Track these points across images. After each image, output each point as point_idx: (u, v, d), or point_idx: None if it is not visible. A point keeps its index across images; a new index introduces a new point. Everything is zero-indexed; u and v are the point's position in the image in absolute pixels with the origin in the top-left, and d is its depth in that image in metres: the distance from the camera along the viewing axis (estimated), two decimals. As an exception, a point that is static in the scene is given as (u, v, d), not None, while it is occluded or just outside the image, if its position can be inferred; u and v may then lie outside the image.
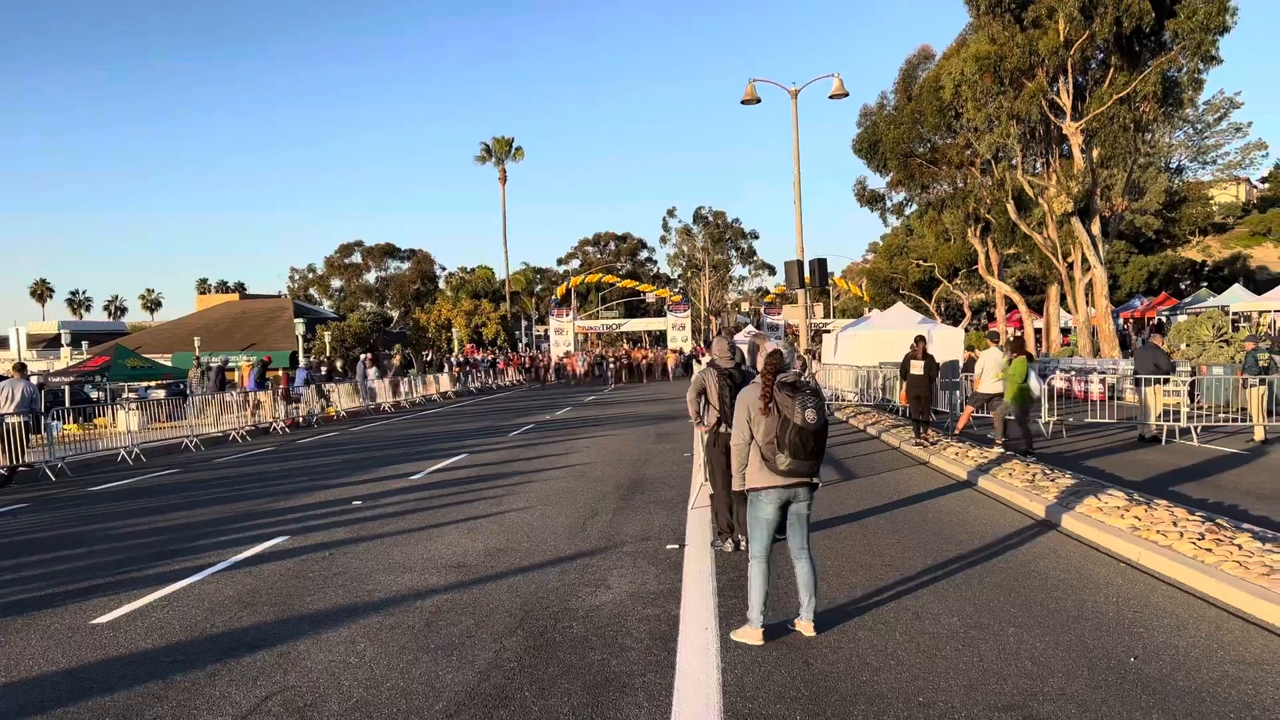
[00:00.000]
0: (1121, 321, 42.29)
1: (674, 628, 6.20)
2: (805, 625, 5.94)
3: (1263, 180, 76.31)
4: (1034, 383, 14.29)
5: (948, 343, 25.50)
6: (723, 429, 8.29)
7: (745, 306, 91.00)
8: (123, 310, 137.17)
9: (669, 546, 8.64)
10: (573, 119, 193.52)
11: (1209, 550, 7.08)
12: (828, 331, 38.26)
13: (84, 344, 47.99)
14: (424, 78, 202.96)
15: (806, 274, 22.51)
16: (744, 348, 9.15)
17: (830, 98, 25.83)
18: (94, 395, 30.40)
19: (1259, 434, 15.44)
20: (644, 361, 53.78)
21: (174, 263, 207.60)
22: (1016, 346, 15.22)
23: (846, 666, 5.37)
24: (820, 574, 6.38)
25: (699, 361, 37.63)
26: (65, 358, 41.75)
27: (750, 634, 5.82)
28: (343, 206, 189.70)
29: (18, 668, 5.88)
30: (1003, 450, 13.53)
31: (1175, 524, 7.98)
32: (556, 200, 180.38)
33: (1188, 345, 26.75)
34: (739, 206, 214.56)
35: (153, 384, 33.93)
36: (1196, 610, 6.26)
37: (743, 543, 8.37)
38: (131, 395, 29.83)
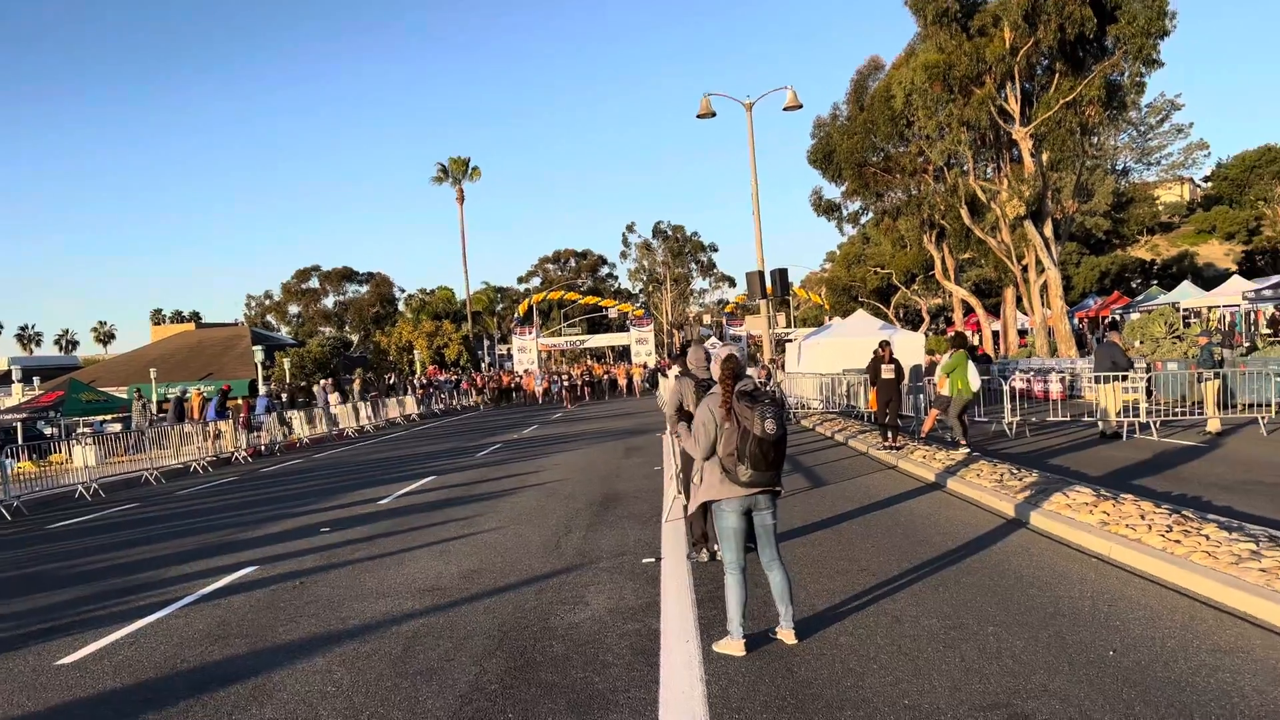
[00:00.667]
0: (1076, 321, 42.99)
1: (655, 642, 6.16)
2: (786, 633, 5.93)
3: (1205, 179, 78.12)
4: (972, 377, 14.38)
5: (908, 348, 25.76)
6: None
7: (707, 319, 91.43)
8: (74, 344, 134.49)
9: (645, 560, 8.60)
10: (530, 137, 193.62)
11: (1178, 542, 7.18)
12: (790, 340, 38.54)
13: (35, 379, 46.95)
14: (377, 100, 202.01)
15: (768, 284, 22.61)
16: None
17: (784, 110, 26.07)
18: (48, 431, 29.76)
19: (1214, 425, 15.75)
20: (606, 377, 52.78)
21: (127, 294, 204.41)
22: (957, 342, 15.38)
23: (830, 673, 5.36)
24: (797, 581, 6.38)
25: (665, 375, 37.63)
26: (17, 394, 40.82)
27: (732, 645, 5.79)
28: (299, 232, 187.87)
29: (-19, 713, 5.70)
30: (969, 451, 13.66)
31: (1143, 517, 8.09)
32: (515, 219, 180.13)
33: (1142, 342, 27.25)
34: (698, 220, 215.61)
35: (108, 418, 33.30)
36: (1170, 601, 6.34)
37: (718, 553, 8.34)
38: (86, 430, 29.26)
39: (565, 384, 48.53)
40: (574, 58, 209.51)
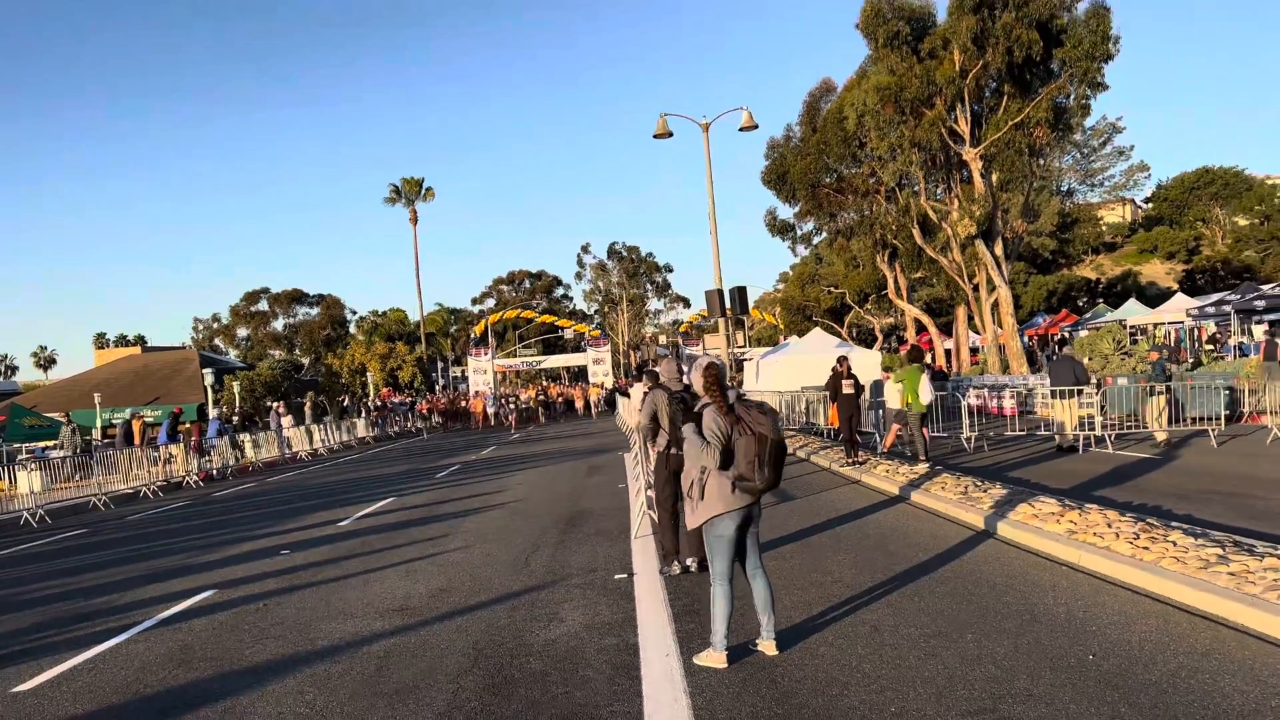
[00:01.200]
0: (1026, 339, 43.77)
1: (634, 656, 6.09)
2: (767, 644, 5.89)
3: (1146, 200, 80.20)
4: (923, 392, 14.48)
5: (864, 364, 25.98)
6: (673, 452, 8.24)
7: (663, 339, 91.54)
8: (14, 369, 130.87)
9: (617, 576, 8.52)
10: (483, 158, 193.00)
11: (1146, 548, 7.28)
12: (748, 360, 38.71)
13: (-26, 405, 45.58)
14: (329, 120, 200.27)
15: (728, 303, 22.72)
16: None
17: (740, 130, 26.26)
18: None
19: (1160, 437, 16.08)
20: (560, 399, 51.21)
21: (68, 317, 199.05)
22: (912, 356, 15.55)
23: (814, 683, 5.33)
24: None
25: (624, 394, 37.57)
26: (-45, 420, 39.50)
27: (714, 658, 5.73)
28: (247, 253, 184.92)
29: (-67, 744, 5.46)
30: (930, 465, 13.78)
31: (1110, 525, 8.20)
32: (469, 240, 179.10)
33: (1090, 358, 27.79)
34: (653, 241, 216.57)
35: (50, 444, 32.40)
36: (1142, 606, 6.41)
37: (692, 565, 8.31)
38: (28, 456, 28.42)
39: (513, 406, 46.12)
40: (529, 78, 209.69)
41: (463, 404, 49.18)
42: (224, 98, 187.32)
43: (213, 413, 35.64)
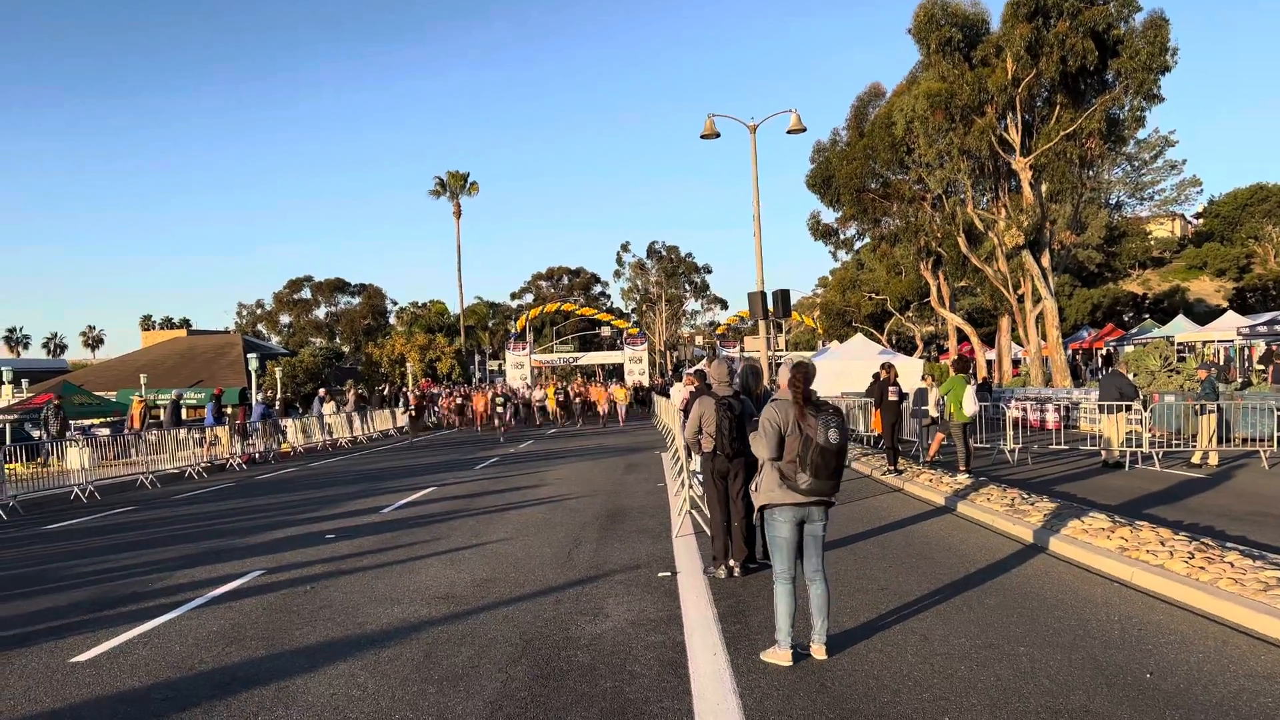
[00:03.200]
0: (1070, 352, 43.18)
1: (681, 654, 6.10)
2: (818, 648, 5.89)
3: (1197, 216, 78.81)
4: (968, 402, 14.30)
5: (906, 371, 25.78)
6: (718, 454, 8.24)
7: (699, 340, 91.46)
8: (63, 348, 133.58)
9: (661, 574, 8.53)
10: (527, 154, 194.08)
11: (1202, 568, 7.17)
12: (783, 363, 38.52)
13: (24, 382, 46.59)
14: (376, 112, 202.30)
15: (770, 305, 22.64)
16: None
17: (788, 132, 26.16)
18: (35, 434, 29.46)
19: (1214, 459, 15.79)
20: (579, 399, 42.69)
21: (116, 299, 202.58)
22: (959, 366, 15.40)
23: (865, 688, 5.31)
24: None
25: (662, 394, 37.53)
26: (7, 395, 40.47)
27: (779, 655, 5.76)
28: (291, 241, 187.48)
29: (-2, 709, 5.59)
30: (971, 477, 13.64)
31: (1163, 544, 8.08)
32: (509, 234, 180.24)
33: (1136, 375, 27.38)
34: (692, 241, 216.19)
35: (98, 421, 32.99)
36: (1199, 627, 6.32)
37: (736, 570, 8.30)
38: (77, 434, 28.97)
39: (512, 404, 37.63)
40: (575, 76, 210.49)
41: (459, 401, 41.78)
42: (277, 86, 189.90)
43: (257, 397, 36.12)
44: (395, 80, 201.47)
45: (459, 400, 41.72)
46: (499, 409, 35.63)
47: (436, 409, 42.89)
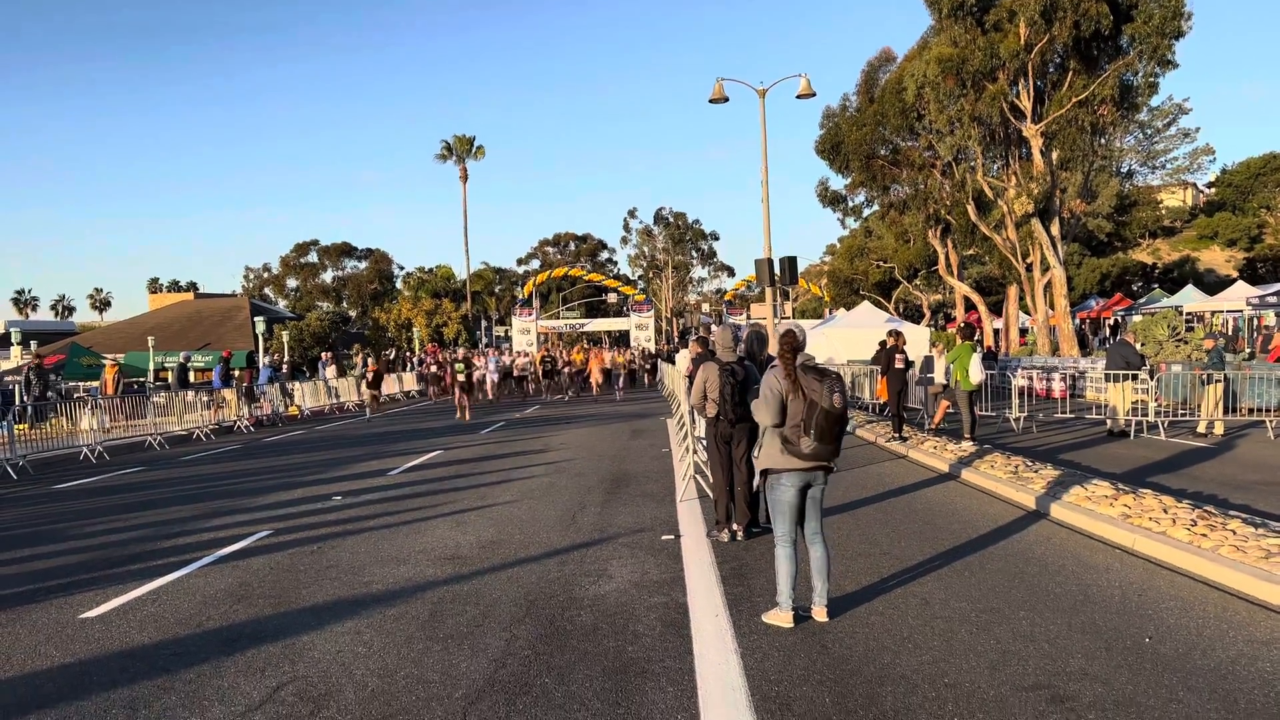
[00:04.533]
0: (1078, 321, 43.04)
1: (684, 615, 6.15)
2: (819, 610, 5.93)
3: (1209, 185, 78.14)
4: (974, 370, 14.34)
5: (913, 339, 25.76)
6: (721, 419, 8.26)
7: (706, 307, 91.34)
8: (70, 310, 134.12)
9: (665, 537, 8.59)
10: (534, 119, 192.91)
11: (1204, 535, 7.19)
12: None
13: (32, 343, 46.81)
14: (383, 76, 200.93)
15: (777, 272, 22.57)
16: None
17: (797, 97, 25.91)
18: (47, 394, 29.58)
19: (1219, 429, 15.78)
20: (566, 368, 35.83)
21: (124, 262, 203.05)
22: (965, 333, 15.37)
23: (865, 650, 5.36)
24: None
25: (668, 361, 37.44)
26: (15, 356, 40.66)
27: (780, 616, 5.82)
28: (298, 205, 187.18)
29: (10, 663, 5.66)
30: (976, 444, 13.66)
31: (1166, 511, 8.10)
32: (516, 200, 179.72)
33: (1144, 344, 27.29)
34: (699, 208, 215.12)
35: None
36: (1200, 593, 6.34)
37: (739, 534, 8.35)
38: (85, 395, 29.11)
39: (463, 372, 26.03)
40: (583, 41, 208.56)
41: (433, 368, 37.24)
42: (280, 49, 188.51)
43: (264, 360, 36.21)
44: (402, 42, 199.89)
45: (432, 367, 37.13)
46: (459, 377, 25.81)
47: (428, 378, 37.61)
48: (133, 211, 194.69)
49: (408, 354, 50.29)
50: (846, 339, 28.64)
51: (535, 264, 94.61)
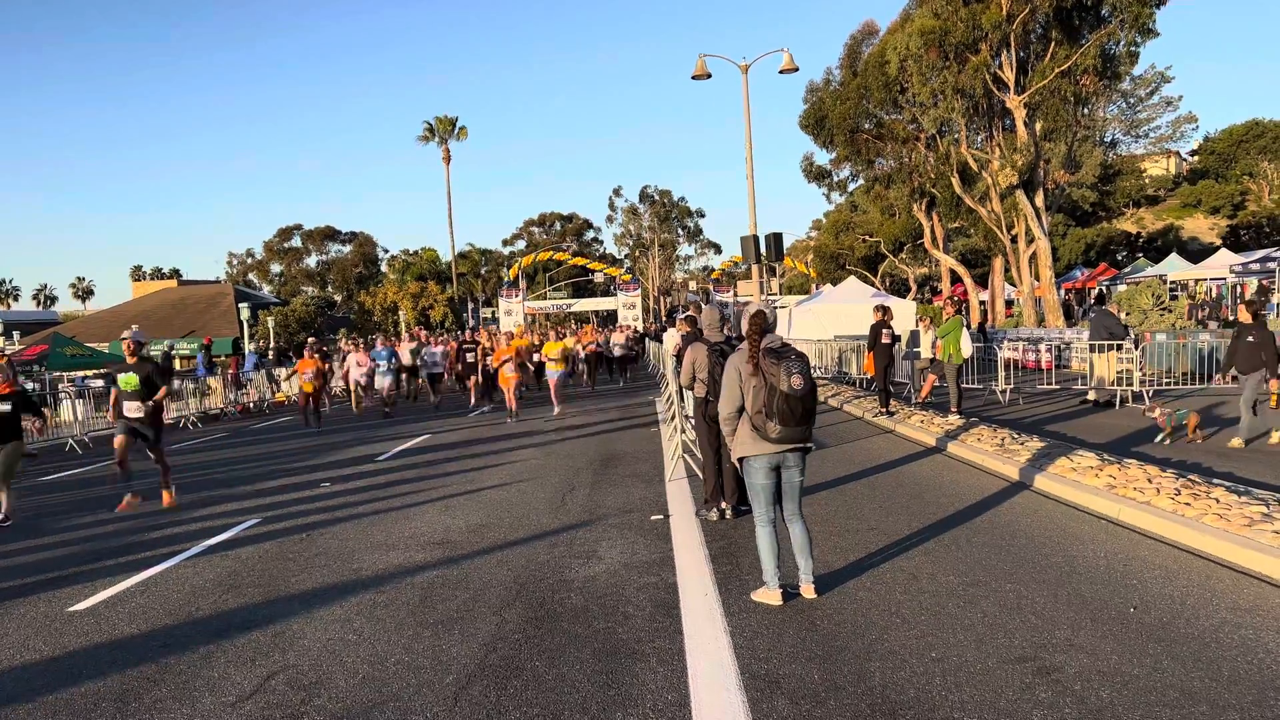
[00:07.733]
0: (1063, 292, 43.19)
1: (674, 595, 6.17)
2: (806, 588, 5.96)
3: (1192, 153, 78.32)
4: (965, 344, 14.47)
5: (900, 314, 25.80)
6: (711, 399, 8.26)
7: (693, 285, 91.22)
8: (53, 299, 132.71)
9: (654, 517, 8.61)
10: (516, 98, 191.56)
11: (1188, 504, 7.25)
12: (781, 308, 38.52)
13: (15, 334, 46.45)
14: (363, 58, 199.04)
15: (763, 249, 22.55)
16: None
17: (780, 72, 25.82)
18: (29, 385, 29.42)
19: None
20: (514, 360, 20.14)
21: (106, 250, 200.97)
22: (957, 309, 15.43)
23: (854, 626, 5.39)
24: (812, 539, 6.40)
25: (655, 339, 37.40)
26: (-3, 348, 40.31)
27: (769, 595, 5.84)
28: (281, 190, 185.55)
29: (-2, 658, 5.65)
30: (963, 418, 13.72)
31: (1150, 481, 8.16)
32: (500, 181, 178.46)
33: (1129, 314, 27.41)
34: (685, 185, 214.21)
35: (90, 373, 32.96)
36: (1184, 562, 6.40)
37: (728, 512, 8.38)
38: (70, 386, 28.95)
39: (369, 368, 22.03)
40: (562, 18, 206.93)
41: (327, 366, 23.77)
42: (266, 32, 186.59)
43: (250, 347, 36.07)
44: (382, 22, 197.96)
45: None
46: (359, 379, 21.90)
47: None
48: (113, 198, 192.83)
49: (393, 339, 50.07)
50: (833, 314, 28.67)
51: (521, 244, 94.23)
